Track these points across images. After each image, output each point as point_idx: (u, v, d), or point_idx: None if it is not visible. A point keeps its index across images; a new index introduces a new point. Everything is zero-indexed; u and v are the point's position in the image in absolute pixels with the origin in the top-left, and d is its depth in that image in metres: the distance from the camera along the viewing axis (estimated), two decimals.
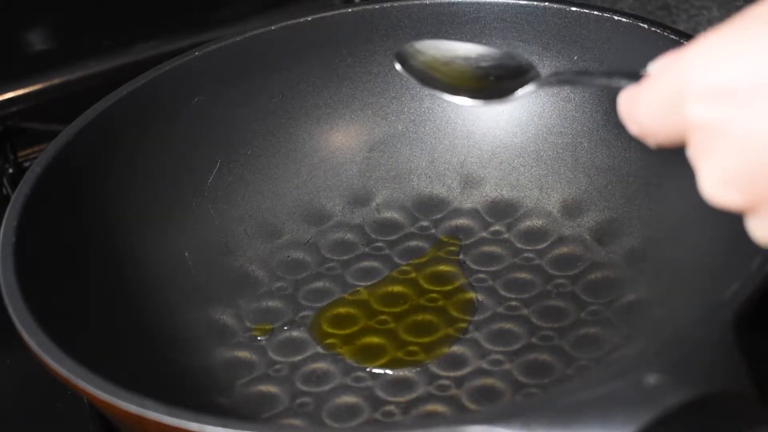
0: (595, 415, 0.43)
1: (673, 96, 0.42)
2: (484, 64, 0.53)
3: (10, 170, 0.78)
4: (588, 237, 0.66)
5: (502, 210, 0.69)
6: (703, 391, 0.43)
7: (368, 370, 0.60)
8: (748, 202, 0.41)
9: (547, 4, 0.68)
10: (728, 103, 0.40)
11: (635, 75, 0.45)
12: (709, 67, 0.41)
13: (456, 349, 0.61)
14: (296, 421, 0.58)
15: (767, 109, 0.39)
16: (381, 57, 0.71)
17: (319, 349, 0.62)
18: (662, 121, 0.43)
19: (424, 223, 0.69)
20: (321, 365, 0.61)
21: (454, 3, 0.70)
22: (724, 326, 0.46)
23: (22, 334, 0.51)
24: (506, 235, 0.67)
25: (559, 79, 0.51)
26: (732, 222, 0.45)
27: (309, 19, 0.70)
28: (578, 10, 0.67)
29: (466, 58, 0.54)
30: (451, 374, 0.59)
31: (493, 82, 0.52)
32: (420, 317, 0.63)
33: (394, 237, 0.68)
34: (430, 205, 0.70)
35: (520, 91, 0.51)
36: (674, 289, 0.59)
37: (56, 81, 0.84)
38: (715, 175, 0.41)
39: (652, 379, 0.43)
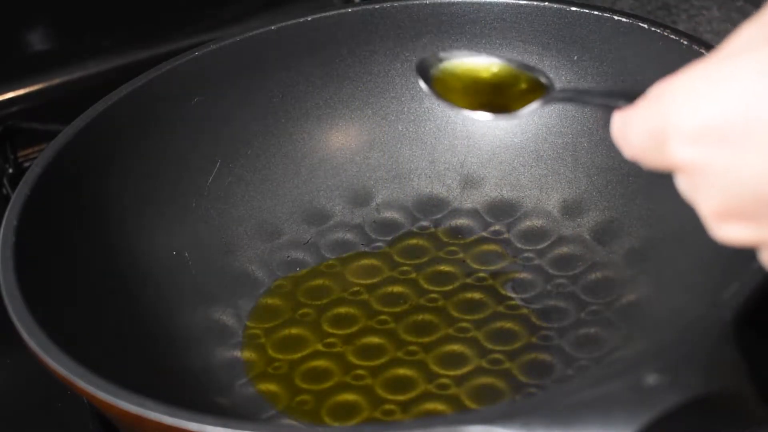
0: (595, 415, 0.43)
1: (657, 134, 0.40)
2: (500, 78, 0.54)
3: (10, 170, 0.78)
4: (588, 237, 0.66)
5: (502, 210, 0.69)
6: (703, 391, 0.43)
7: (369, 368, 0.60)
8: (757, 238, 0.40)
9: (547, 4, 0.68)
10: (716, 143, 0.38)
11: (632, 95, 0.45)
12: (693, 107, 0.39)
13: (456, 348, 0.61)
14: (296, 421, 0.58)
15: (758, 147, 0.38)
16: (381, 57, 0.71)
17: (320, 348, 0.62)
18: (649, 154, 0.42)
19: (424, 223, 0.69)
20: (321, 364, 0.61)
21: (454, 3, 0.69)
22: (724, 326, 0.46)
23: (22, 334, 0.51)
24: (506, 235, 0.67)
25: (562, 97, 0.52)
26: None
27: (309, 19, 0.70)
28: (578, 10, 0.67)
29: (484, 72, 0.54)
30: (451, 373, 0.59)
31: (505, 98, 0.53)
32: (420, 317, 0.63)
33: (394, 237, 0.68)
34: (430, 205, 0.70)
35: (525, 109, 0.52)
36: (674, 289, 0.59)
37: (56, 81, 0.84)
38: (715, 216, 0.40)
39: (652, 379, 0.43)
